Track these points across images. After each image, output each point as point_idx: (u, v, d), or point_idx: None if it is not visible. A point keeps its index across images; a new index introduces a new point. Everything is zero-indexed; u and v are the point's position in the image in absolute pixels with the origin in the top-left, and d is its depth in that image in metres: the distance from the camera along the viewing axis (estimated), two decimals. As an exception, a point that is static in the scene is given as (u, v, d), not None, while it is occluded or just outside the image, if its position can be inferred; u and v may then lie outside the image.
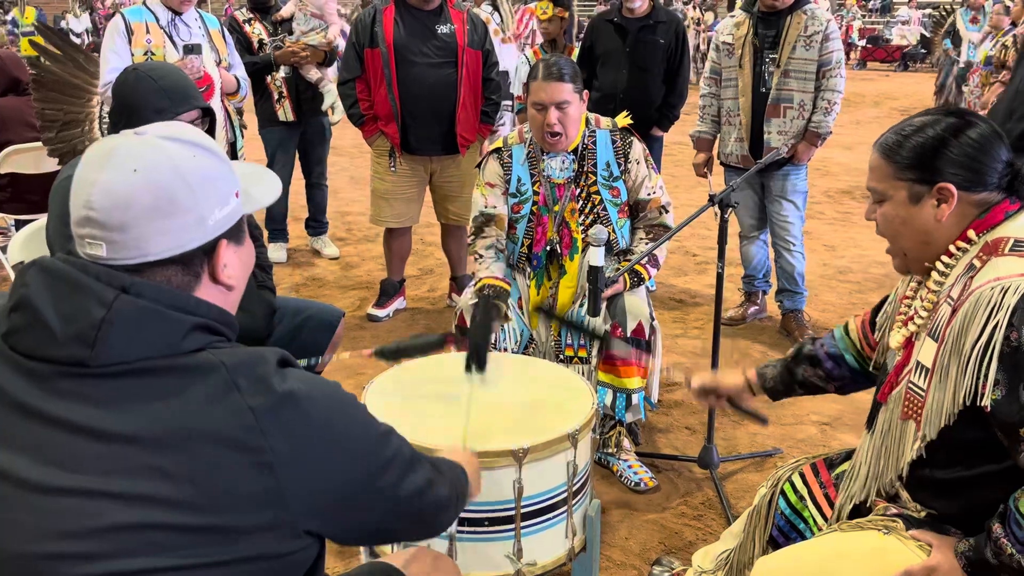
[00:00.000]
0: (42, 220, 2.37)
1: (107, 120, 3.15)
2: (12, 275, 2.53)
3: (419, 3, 3.71)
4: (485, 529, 1.84)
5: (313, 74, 4.67)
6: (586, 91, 2.74)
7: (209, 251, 1.05)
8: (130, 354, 0.97)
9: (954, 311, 1.35)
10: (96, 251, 1.00)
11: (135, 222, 0.98)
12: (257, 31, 4.67)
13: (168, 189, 1.00)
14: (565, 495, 1.90)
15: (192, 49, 3.40)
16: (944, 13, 10.67)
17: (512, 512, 1.84)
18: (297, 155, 4.92)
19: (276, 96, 4.67)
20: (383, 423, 1.13)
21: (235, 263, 1.09)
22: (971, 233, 1.40)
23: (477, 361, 1.91)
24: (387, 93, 3.73)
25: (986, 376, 1.27)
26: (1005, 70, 6.42)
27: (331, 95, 4.66)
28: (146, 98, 2.13)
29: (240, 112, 3.99)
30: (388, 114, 3.77)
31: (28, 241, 2.54)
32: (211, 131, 2.30)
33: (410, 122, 3.78)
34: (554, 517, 1.90)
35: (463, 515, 1.80)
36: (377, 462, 1.10)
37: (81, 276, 0.98)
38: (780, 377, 1.83)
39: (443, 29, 3.74)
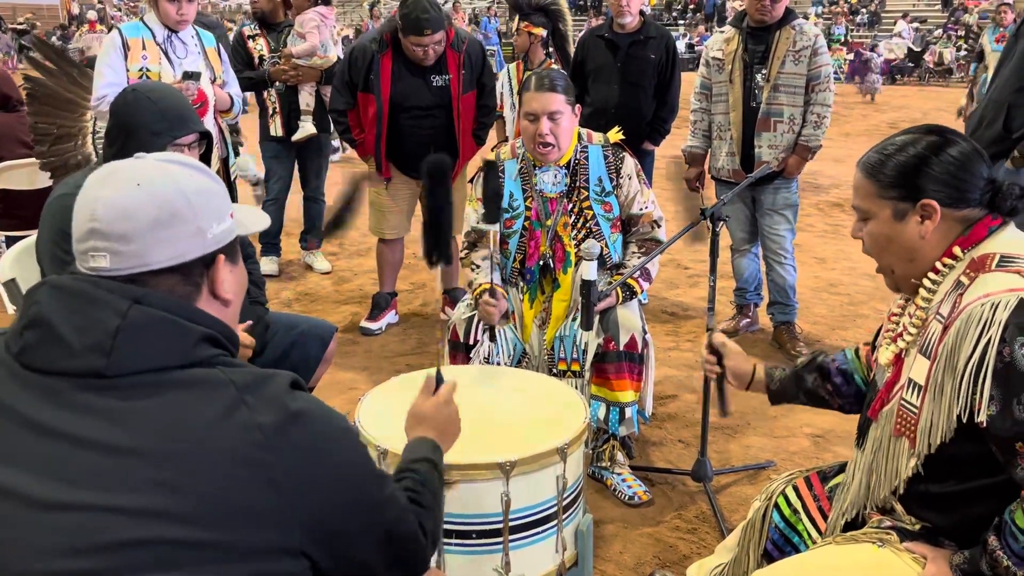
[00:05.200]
0: (34, 237, 2.36)
1: (100, 135, 3.15)
2: (3, 292, 2.51)
3: (418, 60, 3.68)
4: (473, 542, 1.84)
5: (304, 98, 4.70)
6: (578, 105, 2.75)
7: (208, 263, 1.09)
8: (145, 363, 0.99)
9: (945, 328, 1.36)
10: (99, 263, 1.03)
11: (138, 232, 1.02)
12: (259, 47, 4.70)
13: (169, 201, 1.05)
14: (555, 509, 1.90)
15: (191, 76, 3.41)
16: (975, 34, 10.59)
17: (500, 525, 1.83)
18: (296, 169, 4.94)
19: (270, 111, 4.72)
20: (381, 469, 1.18)
21: (231, 280, 1.13)
22: (956, 250, 1.42)
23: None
24: (375, 140, 3.77)
25: (980, 392, 1.28)
26: None
27: (304, 131, 4.69)
28: (144, 120, 2.13)
29: (235, 130, 4.01)
30: (379, 154, 3.82)
31: (19, 258, 2.52)
32: (207, 153, 2.30)
33: (401, 161, 3.84)
34: (543, 531, 1.90)
35: (451, 527, 1.80)
36: (375, 497, 1.13)
37: (93, 290, 1.01)
38: (787, 380, 1.82)
39: (438, 81, 3.74)
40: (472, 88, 3.82)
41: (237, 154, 3.99)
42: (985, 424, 1.28)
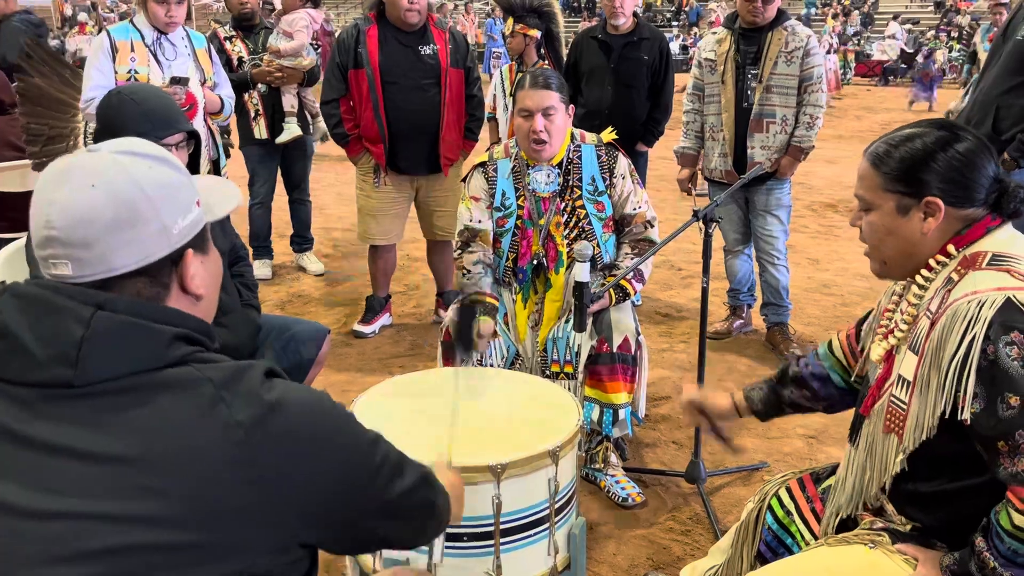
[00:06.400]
0: (24, 239, 2.35)
1: (92, 137, 3.14)
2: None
3: (403, 25, 3.72)
4: (464, 544, 1.83)
5: (288, 100, 4.70)
6: (572, 106, 2.75)
7: (176, 260, 1.05)
8: (115, 370, 0.96)
9: (932, 324, 1.35)
10: (62, 270, 0.99)
11: (98, 237, 0.97)
12: (238, 49, 4.69)
13: (128, 201, 0.99)
14: (547, 512, 1.89)
15: (179, 81, 3.41)
16: (968, 34, 10.60)
17: (491, 528, 1.83)
18: (280, 172, 4.92)
19: (252, 114, 4.70)
20: (370, 430, 1.13)
21: (202, 273, 1.08)
22: (951, 247, 1.41)
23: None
24: (374, 115, 3.74)
25: (964, 390, 1.28)
26: None
27: (289, 133, 4.68)
28: (128, 121, 2.12)
29: (225, 131, 3.99)
30: (375, 136, 3.79)
31: (10, 260, 2.51)
32: (196, 153, 2.30)
33: (396, 143, 3.81)
34: (535, 534, 1.89)
35: None
36: (367, 468, 1.09)
37: (55, 297, 0.97)
38: (767, 400, 1.82)
39: (426, 50, 3.76)
40: (460, 66, 3.84)
41: (228, 155, 3.98)
42: (969, 422, 1.28)
